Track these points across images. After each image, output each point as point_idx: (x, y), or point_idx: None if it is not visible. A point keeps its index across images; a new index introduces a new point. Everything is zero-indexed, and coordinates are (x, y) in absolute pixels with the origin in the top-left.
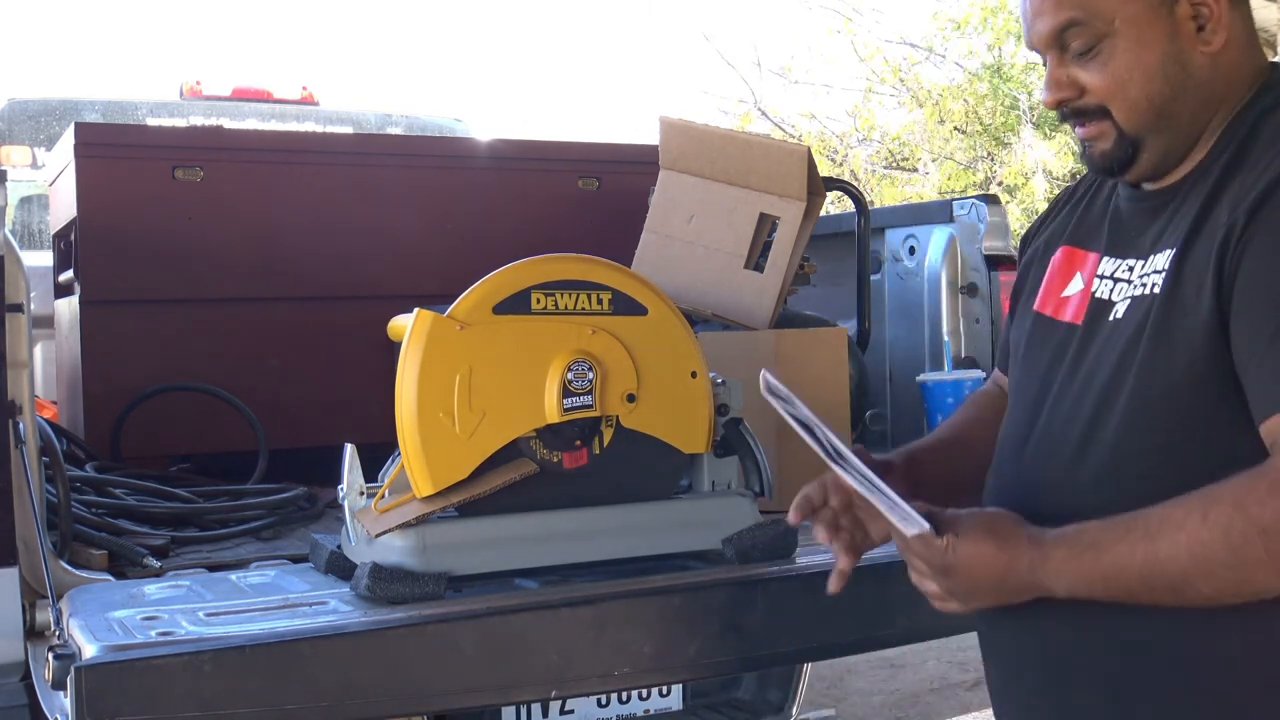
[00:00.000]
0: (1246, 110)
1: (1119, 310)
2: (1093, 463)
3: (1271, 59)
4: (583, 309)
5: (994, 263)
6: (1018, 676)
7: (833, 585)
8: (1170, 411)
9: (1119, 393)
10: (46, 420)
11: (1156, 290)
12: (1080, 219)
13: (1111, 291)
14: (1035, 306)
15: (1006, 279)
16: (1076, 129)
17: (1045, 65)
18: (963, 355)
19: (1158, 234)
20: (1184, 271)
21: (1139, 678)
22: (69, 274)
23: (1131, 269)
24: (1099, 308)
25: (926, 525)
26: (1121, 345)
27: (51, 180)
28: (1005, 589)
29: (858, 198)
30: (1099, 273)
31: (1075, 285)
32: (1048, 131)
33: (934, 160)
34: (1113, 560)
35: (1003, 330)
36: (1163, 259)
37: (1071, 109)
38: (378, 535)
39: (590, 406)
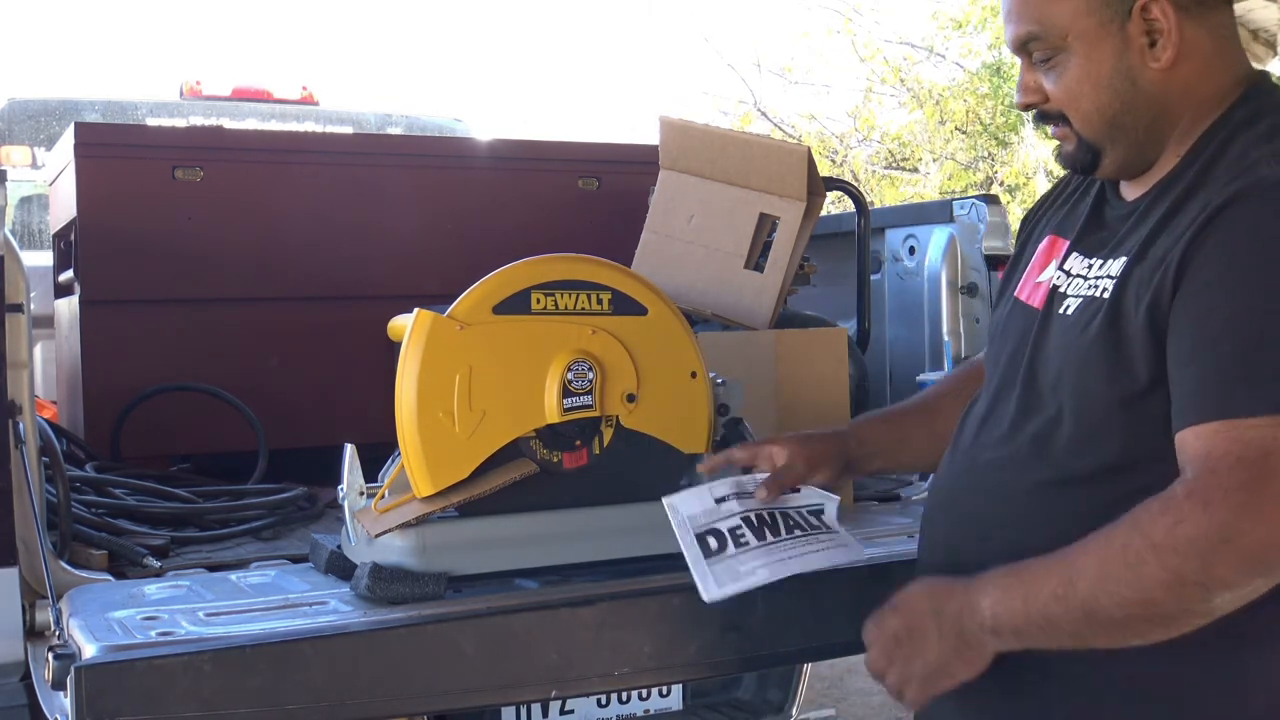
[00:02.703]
0: (1220, 124)
1: (1070, 306)
2: (1024, 441)
3: (1272, 59)
4: (583, 309)
5: (994, 263)
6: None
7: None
8: (1098, 407)
9: (1058, 383)
10: (46, 420)
11: (1106, 295)
12: (1070, 209)
13: (1068, 286)
14: (1016, 292)
15: None
16: (1050, 129)
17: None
18: (963, 355)
19: (1120, 239)
20: (1130, 281)
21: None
22: (69, 274)
23: (1090, 267)
24: (1055, 299)
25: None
26: (1067, 340)
27: (51, 180)
28: (946, 615)
29: (858, 198)
30: (1063, 266)
31: (1048, 272)
32: (1048, 131)
33: (934, 160)
34: (1029, 579)
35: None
36: (1117, 265)
37: (1038, 112)
38: (378, 535)
39: (590, 406)
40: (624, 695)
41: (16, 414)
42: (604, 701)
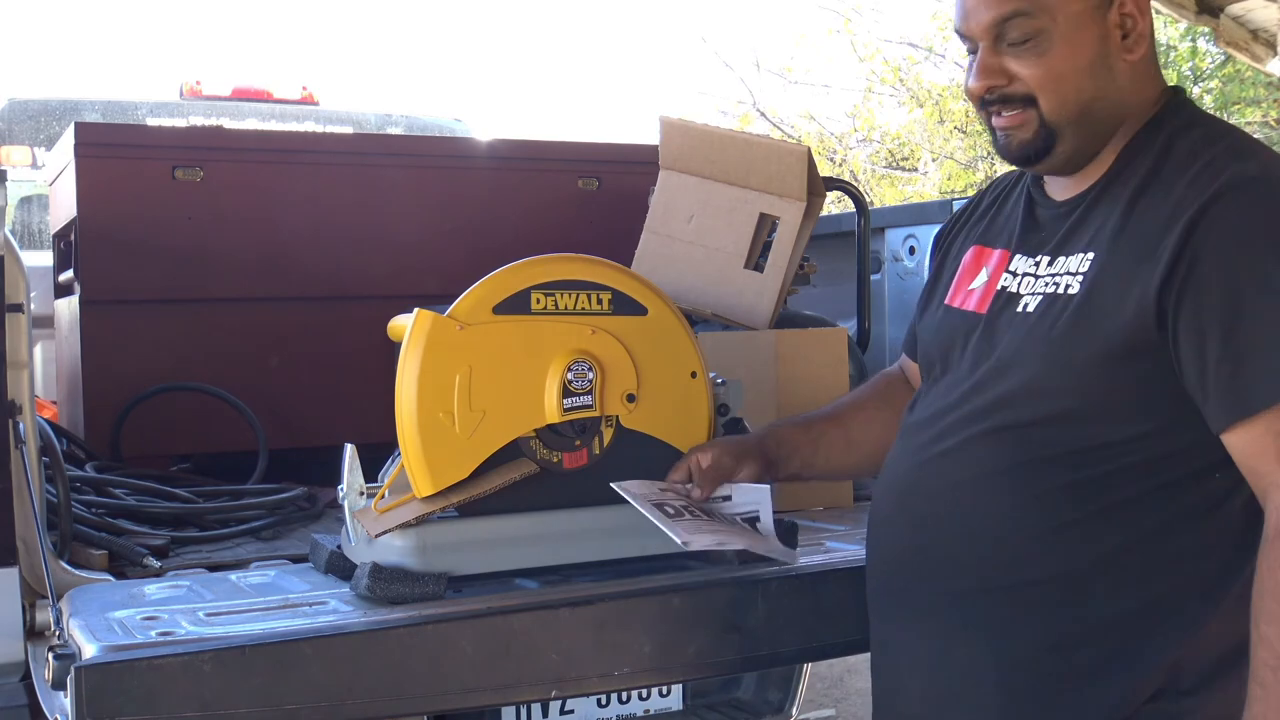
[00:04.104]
0: (1155, 127)
1: (1029, 304)
2: (977, 433)
3: (1272, 59)
4: (583, 309)
5: None
6: (898, 692)
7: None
8: (1063, 393)
9: (1020, 372)
10: (46, 420)
11: (1072, 291)
12: (990, 221)
13: (1019, 285)
14: (947, 300)
15: None
16: (994, 119)
17: (972, 53)
18: None
19: (1066, 237)
20: (1105, 277)
21: (1022, 694)
22: (69, 274)
23: (1038, 265)
24: (1006, 299)
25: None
26: (1033, 335)
27: (51, 180)
28: None
29: (858, 198)
30: (1009, 268)
31: (980, 279)
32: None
33: (934, 160)
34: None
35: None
36: (1076, 261)
37: (999, 95)
38: (378, 535)
39: (590, 406)
40: (624, 695)
41: (16, 414)
42: (604, 701)
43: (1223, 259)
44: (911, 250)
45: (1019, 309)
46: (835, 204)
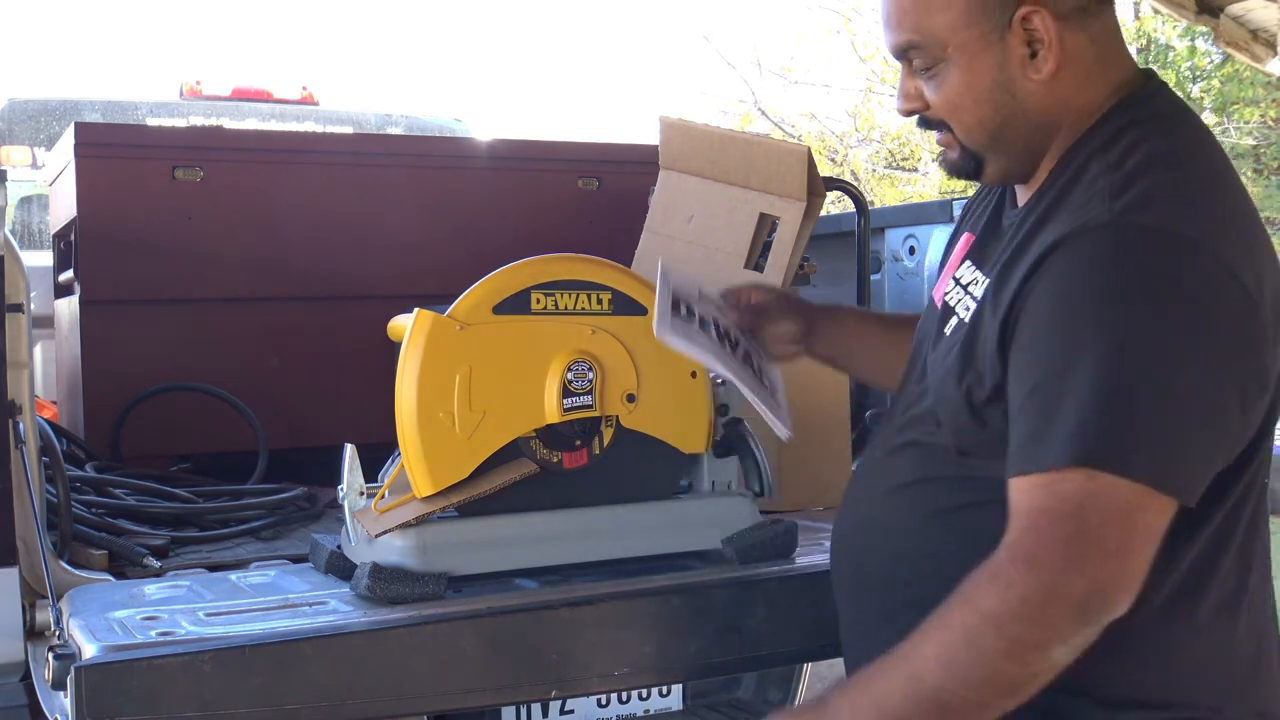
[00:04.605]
0: (1084, 141)
1: (952, 323)
2: (900, 443)
3: (1272, 59)
4: (583, 309)
5: None
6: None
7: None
8: (949, 426)
9: (929, 395)
10: (46, 420)
11: (968, 316)
12: (984, 209)
13: (955, 298)
14: (934, 291)
15: None
16: (935, 135)
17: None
18: None
19: (994, 255)
20: (986, 305)
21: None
22: (69, 274)
23: (972, 282)
24: (944, 310)
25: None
26: (939, 359)
27: (51, 180)
28: None
29: (858, 198)
30: (955, 274)
31: (958, 272)
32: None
33: (934, 160)
34: (878, 689)
35: None
36: (981, 287)
37: (921, 118)
38: (378, 535)
39: (590, 406)
40: (624, 695)
41: (16, 414)
42: (604, 701)
43: (1040, 315)
44: (911, 250)
45: (948, 325)
46: (835, 204)
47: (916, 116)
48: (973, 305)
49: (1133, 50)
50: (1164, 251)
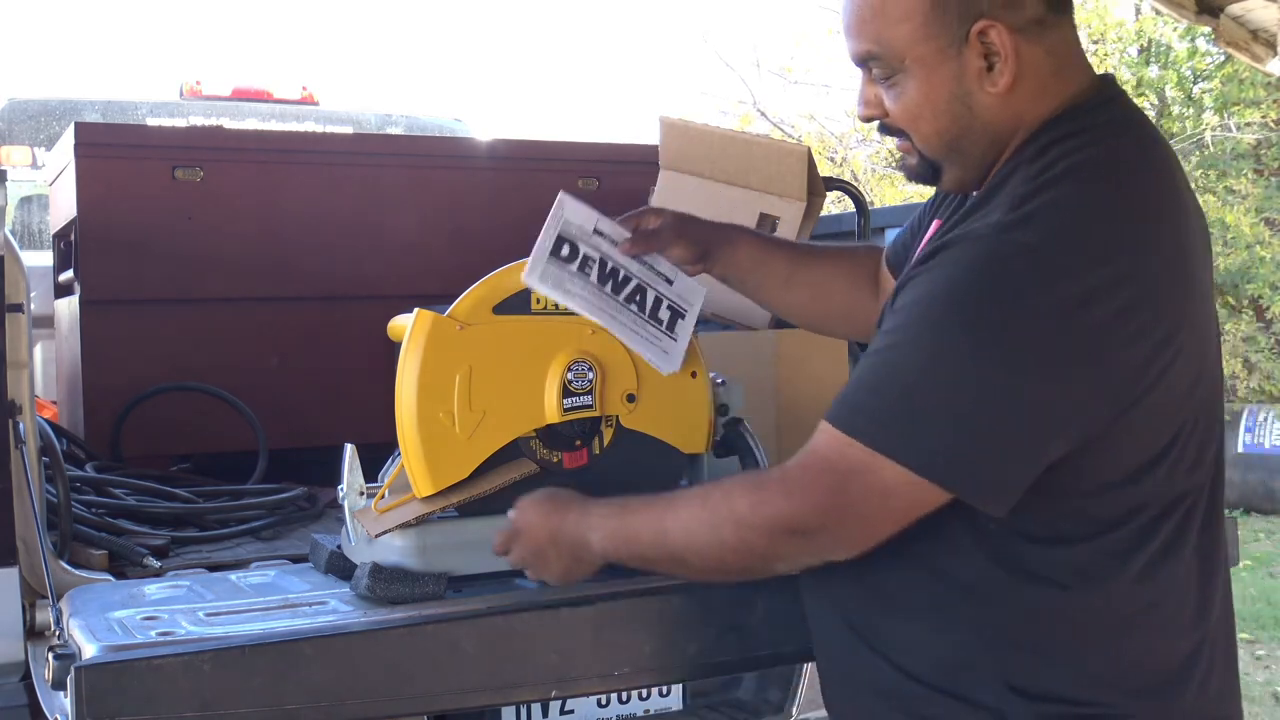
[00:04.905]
0: (1019, 151)
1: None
2: None
3: (1272, 59)
4: None
5: None
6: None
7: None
8: None
9: None
10: (46, 420)
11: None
12: (954, 198)
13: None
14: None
15: None
16: (895, 141)
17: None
18: None
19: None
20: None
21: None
22: (69, 274)
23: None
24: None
25: (669, 368)
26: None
27: (51, 180)
28: (562, 544)
29: (858, 198)
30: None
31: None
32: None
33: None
34: (632, 524)
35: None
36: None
37: (880, 125)
38: (378, 535)
39: (590, 406)
40: (624, 695)
41: (16, 414)
42: (604, 701)
43: (900, 302)
44: None
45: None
46: (835, 204)
47: (877, 123)
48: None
49: (1133, 50)
50: (1021, 269)
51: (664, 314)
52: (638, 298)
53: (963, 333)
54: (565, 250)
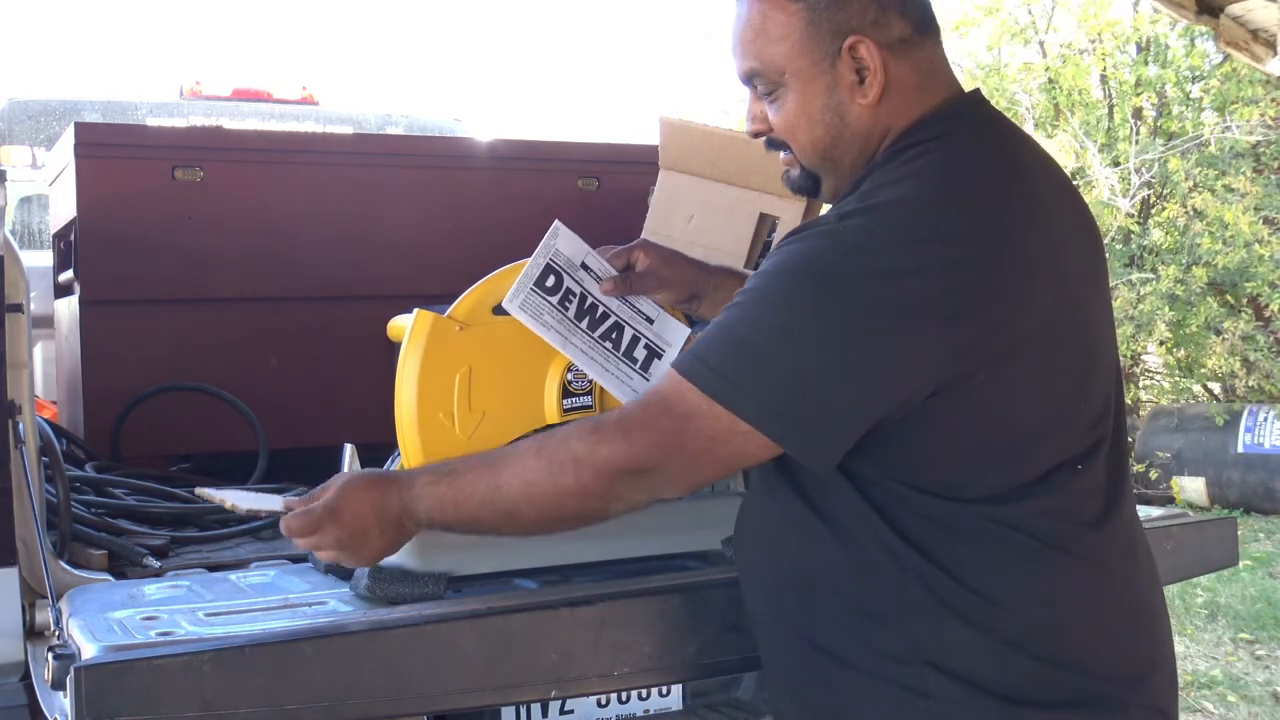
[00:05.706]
0: (876, 158)
1: None
2: None
3: (1272, 59)
4: None
5: None
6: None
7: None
8: None
9: None
10: (46, 420)
11: None
12: None
13: None
14: None
15: None
16: (781, 154)
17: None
18: None
19: None
20: None
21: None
22: (69, 274)
23: None
24: None
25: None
26: None
27: (51, 180)
28: (386, 520)
29: None
30: None
31: None
32: (1049, 130)
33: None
34: (462, 486)
35: None
36: None
37: (767, 140)
38: None
39: (590, 407)
40: (624, 695)
41: (16, 414)
42: (604, 701)
43: (753, 274)
44: None
45: None
46: None
47: (764, 139)
48: None
49: (1132, 50)
50: (854, 242)
51: (639, 353)
52: (614, 335)
53: (797, 294)
54: (550, 281)
